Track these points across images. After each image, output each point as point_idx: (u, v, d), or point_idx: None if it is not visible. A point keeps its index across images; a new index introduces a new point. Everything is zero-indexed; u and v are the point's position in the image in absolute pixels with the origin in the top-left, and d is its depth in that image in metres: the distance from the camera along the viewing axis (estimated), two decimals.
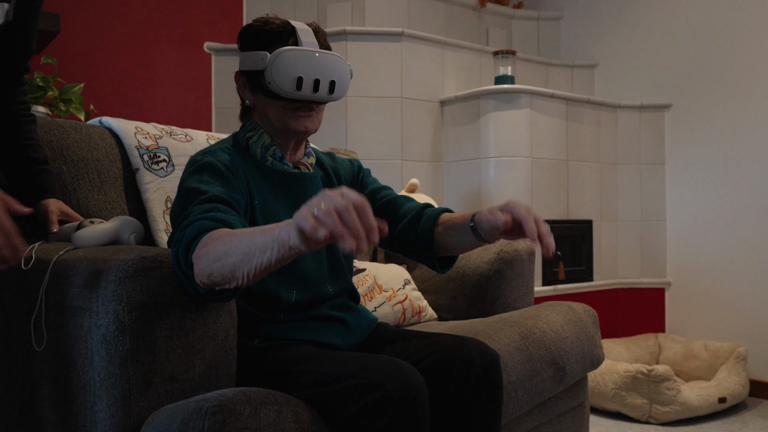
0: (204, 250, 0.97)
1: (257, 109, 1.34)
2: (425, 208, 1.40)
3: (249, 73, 1.31)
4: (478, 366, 1.21)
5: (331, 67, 1.28)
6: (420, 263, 1.47)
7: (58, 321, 1.12)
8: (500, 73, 3.11)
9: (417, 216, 1.38)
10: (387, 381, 1.01)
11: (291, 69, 1.24)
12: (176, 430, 0.92)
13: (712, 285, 3.21)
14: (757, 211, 3.04)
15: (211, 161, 1.23)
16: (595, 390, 2.70)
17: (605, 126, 3.32)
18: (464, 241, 1.32)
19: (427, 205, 1.42)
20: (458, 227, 1.31)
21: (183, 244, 1.01)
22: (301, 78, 1.25)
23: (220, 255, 0.94)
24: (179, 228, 1.07)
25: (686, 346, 3.13)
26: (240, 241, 0.92)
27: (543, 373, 1.59)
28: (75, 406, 1.07)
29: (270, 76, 1.24)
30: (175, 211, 1.20)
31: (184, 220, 1.08)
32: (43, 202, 1.40)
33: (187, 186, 1.19)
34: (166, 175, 1.67)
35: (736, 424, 2.63)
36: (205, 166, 1.22)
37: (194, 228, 1.02)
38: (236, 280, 0.93)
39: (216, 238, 0.98)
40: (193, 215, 1.08)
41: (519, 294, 2.01)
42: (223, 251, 0.93)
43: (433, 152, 3.07)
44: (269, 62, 1.24)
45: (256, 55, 1.26)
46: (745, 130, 3.08)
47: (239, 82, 1.34)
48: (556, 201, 3.05)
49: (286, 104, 1.29)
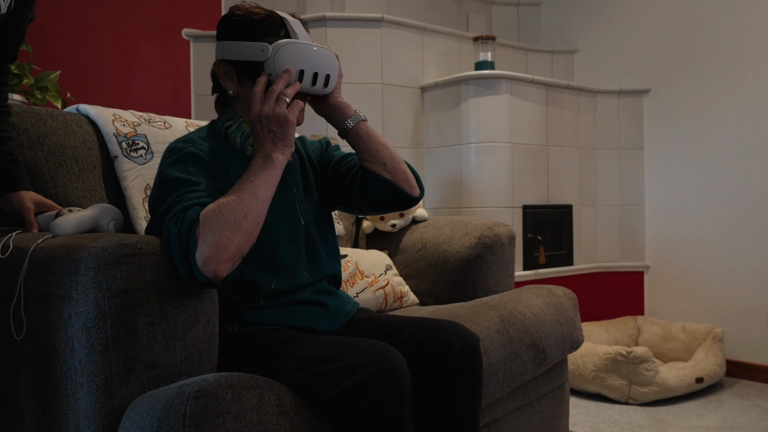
0: (216, 222, 1.06)
1: (241, 99, 1.33)
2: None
3: (237, 63, 1.29)
4: (457, 348, 1.23)
5: (327, 62, 1.29)
6: (388, 198, 1.43)
7: (38, 309, 1.11)
8: (480, 59, 3.12)
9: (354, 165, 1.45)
10: (370, 363, 1.02)
11: (294, 62, 1.25)
12: (158, 415, 0.92)
13: (690, 268, 3.25)
14: (733, 195, 3.08)
15: (193, 151, 1.22)
16: (575, 372, 2.74)
17: (584, 111, 3.34)
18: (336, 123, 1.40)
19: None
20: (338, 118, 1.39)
21: (185, 225, 1.05)
22: (302, 71, 1.26)
23: (236, 220, 1.08)
24: (174, 211, 1.08)
25: (664, 328, 3.18)
26: (242, 197, 1.11)
27: (523, 355, 1.61)
28: (56, 394, 1.07)
29: (271, 68, 1.24)
30: (156, 199, 1.19)
31: (177, 204, 1.10)
32: (16, 194, 1.37)
33: (170, 175, 1.18)
34: (145, 162, 1.66)
35: (712, 403, 2.68)
36: (189, 156, 1.21)
37: (195, 210, 1.08)
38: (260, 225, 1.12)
39: (218, 209, 1.07)
40: (187, 201, 1.10)
41: (499, 278, 2.03)
42: (242, 212, 1.09)
43: (414, 138, 3.07)
44: (272, 54, 1.24)
45: (254, 46, 1.25)
46: (723, 115, 3.12)
47: (221, 71, 1.32)
48: (536, 186, 3.07)
49: None
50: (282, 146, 1.21)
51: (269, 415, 0.99)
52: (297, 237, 1.35)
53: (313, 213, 1.42)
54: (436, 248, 2.07)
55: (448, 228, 2.10)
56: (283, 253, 1.31)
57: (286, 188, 1.36)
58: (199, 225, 1.05)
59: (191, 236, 1.04)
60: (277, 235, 1.30)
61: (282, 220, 1.33)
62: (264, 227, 1.27)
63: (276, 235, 1.30)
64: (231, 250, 1.05)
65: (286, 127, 1.21)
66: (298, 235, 1.35)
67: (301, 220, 1.37)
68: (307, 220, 1.39)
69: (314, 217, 1.41)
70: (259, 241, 1.26)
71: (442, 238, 2.08)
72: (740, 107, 3.05)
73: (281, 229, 1.32)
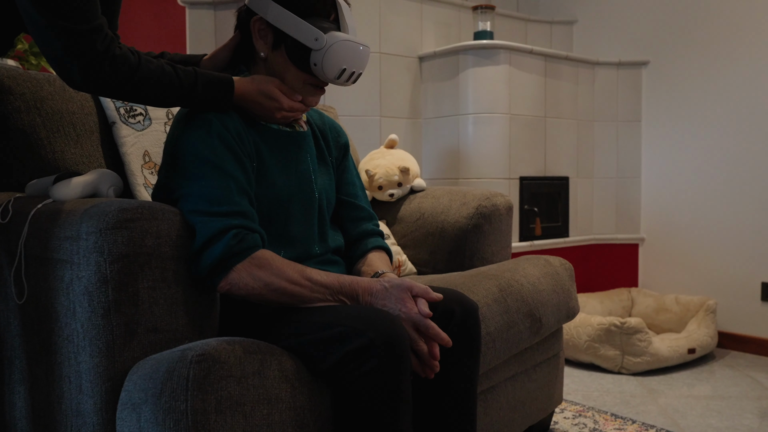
0: (268, 277, 1.12)
1: (267, 65, 1.30)
2: (367, 236, 1.48)
3: (279, 30, 1.26)
4: (457, 316, 1.24)
5: (365, 61, 1.29)
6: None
7: (39, 273, 1.11)
8: (479, 28, 3.09)
9: (356, 242, 1.47)
10: (370, 329, 1.03)
11: (341, 60, 1.23)
12: (162, 378, 0.93)
13: (685, 241, 3.27)
14: (729, 168, 3.09)
15: (220, 130, 1.19)
16: (569, 342, 2.77)
17: (583, 83, 3.33)
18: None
19: (372, 232, 1.49)
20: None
21: (244, 245, 1.11)
22: (344, 69, 1.25)
23: (281, 290, 1.13)
24: (222, 210, 1.12)
25: (658, 300, 3.21)
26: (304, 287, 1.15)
27: (520, 324, 1.62)
28: (59, 357, 1.07)
29: (319, 59, 1.22)
30: (175, 170, 1.17)
31: (213, 196, 1.13)
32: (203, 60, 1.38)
33: (197, 150, 1.16)
34: (143, 129, 1.65)
35: (704, 373, 2.72)
36: (215, 132, 1.18)
37: (254, 239, 1.14)
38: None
39: (283, 269, 1.14)
40: (235, 208, 1.14)
41: (497, 248, 2.04)
42: (288, 287, 1.14)
43: (411, 109, 3.06)
44: (325, 47, 1.22)
45: (309, 30, 1.22)
46: (722, 88, 3.11)
47: (256, 27, 1.27)
48: (533, 157, 3.07)
49: (309, 78, 1.28)
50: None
51: (271, 380, 1.00)
52: (311, 210, 1.34)
53: (327, 185, 1.41)
54: (434, 218, 2.07)
55: (446, 198, 2.11)
56: (295, 225, 1.31)
57: (301, 161, 1.34)
58: (250, 260, 1.12)
59: (235, 259, 1.10)
60: (290, 207, 1.29)
61: (297, 193, 1.31)
62: (279, 200, 1.27)
63: (289, 207, 1.29)
64: (249, 294, 1.13)
65: None
66: (311, 208, 1.34)
67: (315, 192, 1.36)
68: (320, 194, 1.38)
69: (327, 191, 1.41)
70: (272, 214, 1.26)
71: (440, 207, 2.08)
72: (739, 80, 3.04)
73: (296, 202, 1.31)
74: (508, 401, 1.73)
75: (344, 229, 1.48)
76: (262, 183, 1.25)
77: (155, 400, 0.92)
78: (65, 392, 1.07)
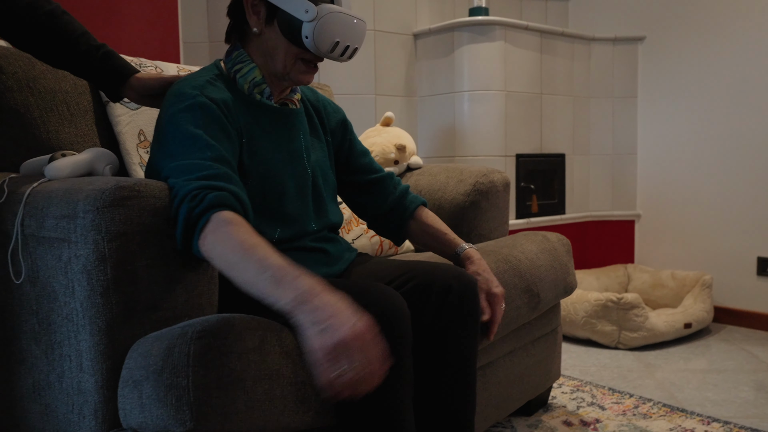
0: (219, 245, 0.98)
1: (261, 41, 1.27)
2: (404, 196, 1.52)
3: (270, 4, 1.24)
4: (455, 291, 1.24)
5: (361, 36, 1.26)
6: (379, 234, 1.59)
7: (36, 253, 1.11)
8: (474, 4, 3.07)
9: (396, 205, 1.51)
10: (370, 304, 1.03)
11: (333, 32, 1.21)
12: (163, 355, 0.93)
13: (680, 217, 3.28)
14: (724, 144, 3.09)
15: (204, 102, 1.16)
16: (566, 319, 2.78)
17: (579, 59, 3.31)
18: (439, 250, 1.50)
19: (405, 192, 1.53)
20: (440, 242, 1.48)
21: (204, 205, 1.01)
22: (338, 42, 1.22)
23: (228, 264, 0.97)
24: (193, 177, 1.05)
25: (654, 276, 3.22)
26: (247, 268, 0.94)
27: (518, 299, 1.63)
28: (58, 337, 1.07)
29: (310, 32, 1.20)
30: (161, 145, 1.14)
31: (190, 167, 1.06)
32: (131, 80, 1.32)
33: (183, 127, 1.13)
34: (137, 108, 1.64)
35: (700, 347, 2.74)
36: (201, 107, 1.15)
37: (218, 197, 1.03)
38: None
39: (232, 240, 0.98)
40: (206, 172, 1.06)
41: (494, 225, 2.04)
42: (233, 262, 0.96)
43: (406, 87, 3.04)
44: (316, 19, 1.19)
45: (299, 1, 1.20)
46: (717, 64, 3.10)
47: (249, 3, 1.25)
48: (529, 135, 3.06)
49: (302, 53, 1.25)
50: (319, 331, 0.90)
51: (271, 355, 1.00)
52: (304, 187, 1.33)
53: (321, 162, 1.40)
54: (431, 195, 2.07)
55: (443, 175, 2.10)
56: (289, 203, 1.30)
57: (293, 138, 1.33)
58: (213, 219, 1.01)
59: (201, 220, 1.01)
60: (284, 186, 1.28)
61: (290, 170, 1.30)
62: (271, 177, 1.26)
63: (283, 185, 1.28)
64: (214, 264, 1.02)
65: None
66: (305, 185, 1.33)
67: (308, 169, 1.35)
68: (314, 170, 1.37)
69: (321, 167, 1.40)
70: (266, 192, 1.25)
71: (437, 185, 2.08)
72: (735, 56, 3.03)
73: (289, 179, 1.30)
74: (507, 376, 1.74)
75: (376, 196, 1.51)
76: (253, 159, 1.24)
77: (156, 376, 0.92)
78: (66, 371, 1.07)
